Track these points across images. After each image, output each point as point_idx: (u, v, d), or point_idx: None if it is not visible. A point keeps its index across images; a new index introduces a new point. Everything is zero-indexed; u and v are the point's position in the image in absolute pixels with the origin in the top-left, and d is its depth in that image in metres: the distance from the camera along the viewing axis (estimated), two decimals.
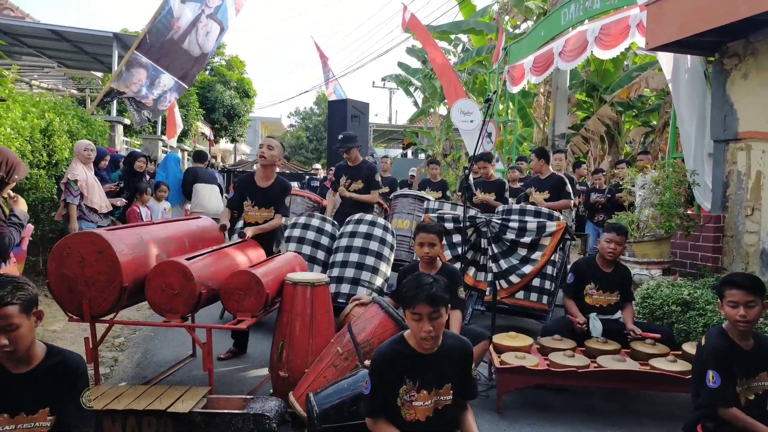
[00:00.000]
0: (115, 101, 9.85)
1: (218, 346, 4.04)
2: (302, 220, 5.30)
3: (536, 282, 4.85)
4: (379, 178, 6.01)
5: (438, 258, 3.58)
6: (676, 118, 5.98)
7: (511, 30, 13.64)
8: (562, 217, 5.28)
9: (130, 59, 8.92)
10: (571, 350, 3.52)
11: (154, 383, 3.30)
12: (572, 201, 5.99)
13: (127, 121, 10.43)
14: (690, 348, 3.47)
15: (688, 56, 5.71)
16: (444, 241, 4.62)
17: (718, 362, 2.49)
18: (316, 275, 3.59)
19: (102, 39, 10.53)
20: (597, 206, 7.41)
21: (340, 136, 5.84)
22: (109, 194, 5.88)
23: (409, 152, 26.95)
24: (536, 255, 4.36)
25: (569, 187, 5.91)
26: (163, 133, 12.74)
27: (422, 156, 20.71)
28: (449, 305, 2.23)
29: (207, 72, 22.03)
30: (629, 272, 4.17)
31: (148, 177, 7.40)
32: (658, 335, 3.69)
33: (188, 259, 3.18)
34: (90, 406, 2.03)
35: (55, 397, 1.95)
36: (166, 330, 4.46)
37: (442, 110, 17.57)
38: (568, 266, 4.97)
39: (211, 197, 7.62)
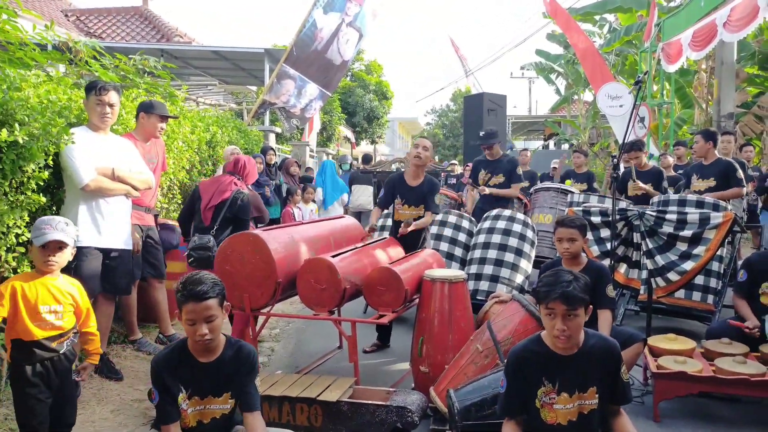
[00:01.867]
0: (267, 112, 10.69)
1: (363, 339, 4.22)
2: (439, 217, 5.33)
3: (699, 280, 4.39)
4: (521, 171, 5.84)
5: (583, 254, 3.39)
6: None
7: (665, 4, 12.44)
8: (730, 207, 4.71)
9: (280, 72, 9.64)
10: (743, 356, 3.14)
11: (306, 372, 3.53)
12: (744, 189, 5.30)
13: (279, 130, 11.27)
14: None
15: None
16: (590, 236, 4.38)
17: None
18: (453, 272, 3.59)
19: (255, 55, 11.50)
20: None
21: (481, 133, 5.79)
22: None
23: (551, 143, 25.81)
24: (699, 250, 3.93)
25: (740, 173, 5.24)
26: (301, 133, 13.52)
27: (565, 147, 19.72)
28: (589, 305, 2.11)
29: (347, 77, 23.04)
30: None
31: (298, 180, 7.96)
32: None
33: (334, 256, 3.37)
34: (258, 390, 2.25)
35: (236, 382, 2.18)
36: (316, 323, 4.75)
37: (588, 96, 16.61)
38: (739, 262, 4.43)
39: (362, 195, 9.34)
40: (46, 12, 14.45)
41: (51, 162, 3.15)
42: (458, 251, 5.10)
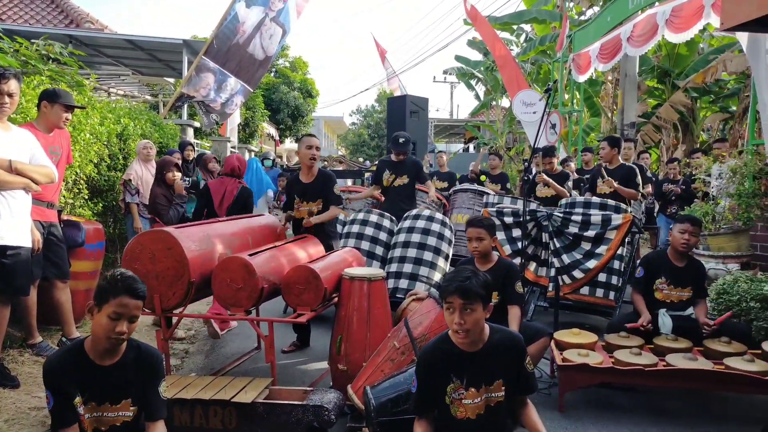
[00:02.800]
0: (185, 105, 10.31)
1: (283, 339, 4.18)
2: (360, 216, 5.36)
3: (602, 277, 4.68)
4: (426, 170, 5.94)
5: (495, 253, 3.53)
6: (757, 102, 5.58)
7: (576, 17, 13.18)
8: (630, 209, 5.07)
9: (199, 64, 9.32)
10: (639, 347, 3.38)
11: (221, 374, 3.44)
12: (640, 192, 5.71)
13: (197, 124, 10.90)
14: None
15: None
16: (503, 236, 4.57)
17: None
18: (372, 270, 3.63)
19: (173, 46, 11.05)
20: (670, 197, 7.05)
21: (400, 139, 5.68)
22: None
23: (471, 146, 26.62)
24: (601, 249, 4.21)
25: (639, 179, 5.65)
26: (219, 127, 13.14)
27: (485, 151, 20.42)
28: (489, 302, 2.20)
29: (271, 74, 22.66)
30: (703, 267, 3.95)
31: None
32: (730, 313, 3.54)
33: (251, 255, 3.30)
34: (165, 396, 2.16)
35: (137, 388, 2.08)
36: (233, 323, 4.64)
37: (505, 103, 17.25)
38: (637, 261, 4.77)
39: None
40: None
41: None
42: (379, 250, 5.15)
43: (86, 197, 5.00)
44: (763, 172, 5.17)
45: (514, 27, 15.15)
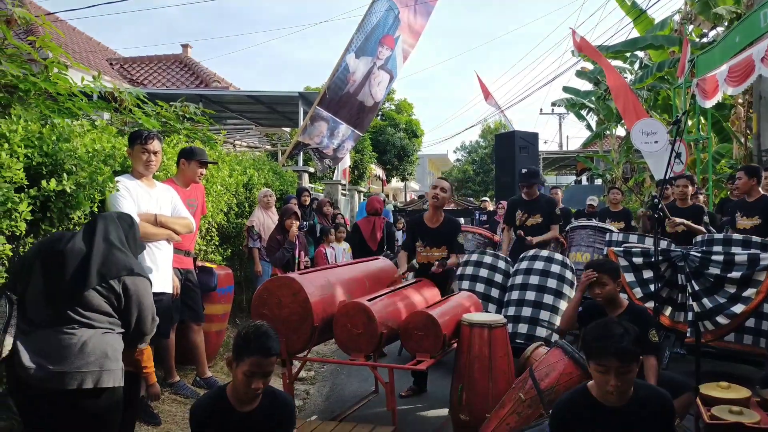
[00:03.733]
0: (301, 153, 10.91)
1: (399, 382, 4.14)
2: (474, 257, 5.26)
3: (751, 323, 4.20)
4: (559, 212, 5.74)
5: (624, 297, 3.29)
6: None
7: (697, 40, 12.37)
8: None
9: (313, 114, 9.87)
10: None
11: (342, 419, 3.47)
12: None
13: (312, 170, 11.46)
14: None
15: None
16: (633, 277, 4.26)
17: None
18: (493, 316, 3.53)
19: (289, 99, 11.81)
20: None
21: (524, 170, 5.64)
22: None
23: (584, 178, 25.51)
24: (749, 292, 3.77)
25: None
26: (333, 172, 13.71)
27: (599, 182, 19.45)
28: (640, 357, 2.03)
29: (378, 117, 23.43)
30: None
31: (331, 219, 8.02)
32: None
33: (370, 300, 3.35)
34: None
35: None
36: (352, 365, 4.70)
37: (620, 132, 16.43)
38: None
39: None
40: (93, 61, 15.20)
41: (96, 209, 3.25)
42: (495, 292, 5.01)
43: (217, 243, 5.37)
44: None
45: (627, 55, 14.52)
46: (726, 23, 10.96)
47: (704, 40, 12.38)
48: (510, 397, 2.97)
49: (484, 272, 5.11)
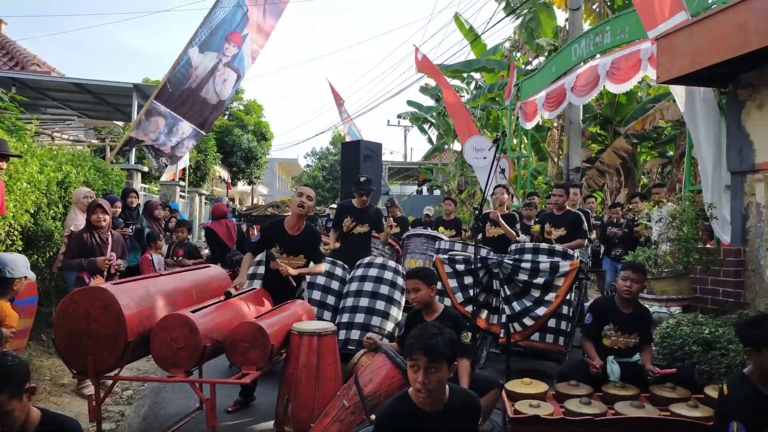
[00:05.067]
0: (134, 150, 10.09)
1: (226, 396, 3.98)
2: None
3: (552, 323, 4.72)
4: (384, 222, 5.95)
5: (439, 302, 3.51)
6: (692, 149, 5.88)
7: (523, 67, 13.75)
8: (577, 254, 5.18)
9: (150, 108, 9.18)
10: (588, 396, 3.39)
11: None
12: (586, 240, 5.86)
13: (146, 169, 10.65)
14: (712, 391, 3.31)
15: (701, 88, 5.65)
16: (455, 283, 4.57)
17: (743, 413, 2.35)
18: (322, 324, 3.54)
19: (122, 90, 10.85)
20: (614, 240, 7.27)
21: (362, 178, 5.75)
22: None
23: (425, 189, 27.01)
24: (550, 296, 4.26)
25: (585, 225, 5.81)
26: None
27: (438, 192, 20.74)
28: (453, 361, 2.17)
29: (225, 117, 22.55)
30: (649, 313, 4.04)
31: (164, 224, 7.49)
32: (674, 369, 3.62)
33: (193, 311, 3.17)
34: None
35: None
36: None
37: (457, 146, 17.68)
38: (586, 304, 4.85)
39: None
40: None
41: None
42: (331, 299, 5.06)
43: (20, 248, 4.73)
44: (700, 216, 5.40)
45: (464, 75, 15.68)
46: (546, 53, 12.35)
47: (529, 67, 13.82)
48: (334, 405, 3.01)
49: (321, 279, 5.13)
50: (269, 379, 4.48)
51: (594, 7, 11.86)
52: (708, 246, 5.51)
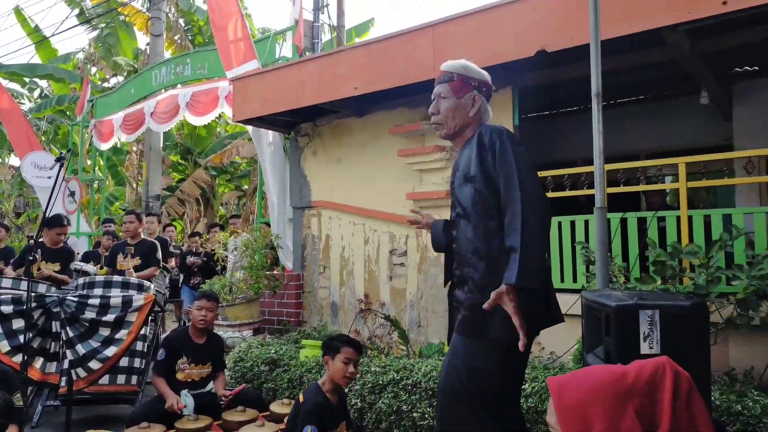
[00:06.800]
0: None
1: None
2: None
3: (124, 362, 4.33)
4: None
5: None
6: (263, 185, 6.49)
7: (99, 83, 12.71)
8: (153, 285, 4.95)
9: None
10: None
11: None
12: (159, 268, 5.69)
13: None
14: (277, 407, 3.62)
15: (270, 131, 6.32)
16: (0, 329, 3.71)
17: (317, 417, 2.70)
18: None
19: None
20: (193, 269, 7.33)
21: None
22: None
23: None
24: (122, 334, 3.90)
25: (159, 253, 5.64)
26: None
27: None
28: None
29: None
30: (221, 340, 4.16)
31: None
32: (244, 385, 3.88)
33: None
34: None
35: None
36: None
37: (14, 161, 14.90)
38: (162, 336, 4.67)
39: None
40: None
41: None
42: None
43: None
44: (269, 246, 5.98)
45: (26, 80, 13.45)
46: (126, 74, 11.75)
47: (106, 84, 12.87)
48: None
49: None
50: None
51: (176, 37, 11.97)
52: (275, 272, 6.15)
